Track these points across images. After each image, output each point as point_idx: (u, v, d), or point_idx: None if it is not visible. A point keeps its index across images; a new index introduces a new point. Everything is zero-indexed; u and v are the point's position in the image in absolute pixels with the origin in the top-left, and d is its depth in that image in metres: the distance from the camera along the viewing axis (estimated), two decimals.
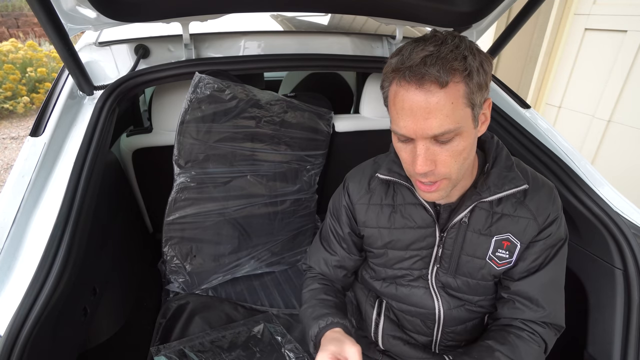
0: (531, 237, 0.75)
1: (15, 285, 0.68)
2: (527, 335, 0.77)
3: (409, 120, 0.62)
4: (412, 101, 0.60)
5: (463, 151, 0.64)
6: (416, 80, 0.59)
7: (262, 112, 1.29)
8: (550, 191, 0.77)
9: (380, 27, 1.51)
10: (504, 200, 0.75)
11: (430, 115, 0.60)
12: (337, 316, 0.78)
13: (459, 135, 0.63)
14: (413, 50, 0.60)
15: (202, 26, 1.17)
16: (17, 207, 0.76)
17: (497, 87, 1.40)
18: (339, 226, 0.90)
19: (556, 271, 0.78)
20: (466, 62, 0.59)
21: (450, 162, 0.64)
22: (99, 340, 1.03)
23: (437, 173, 0.65)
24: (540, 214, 0.75)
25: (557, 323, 0.78)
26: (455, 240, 0.78)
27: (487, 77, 0.63)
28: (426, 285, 0.84)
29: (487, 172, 0.75)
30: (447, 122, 0.60)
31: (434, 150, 0.63)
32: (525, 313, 0.77)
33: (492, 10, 1.19)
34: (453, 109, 0.60)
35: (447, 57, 0.58)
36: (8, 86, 4.43)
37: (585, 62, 2.77)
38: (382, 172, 0.80)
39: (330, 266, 0.92)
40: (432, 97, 0.59)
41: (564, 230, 0.78)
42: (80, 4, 0.89)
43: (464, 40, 0.61)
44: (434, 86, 0.59)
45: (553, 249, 0.77)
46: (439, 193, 0.69)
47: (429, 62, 0.58)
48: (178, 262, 1.41)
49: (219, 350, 1.18)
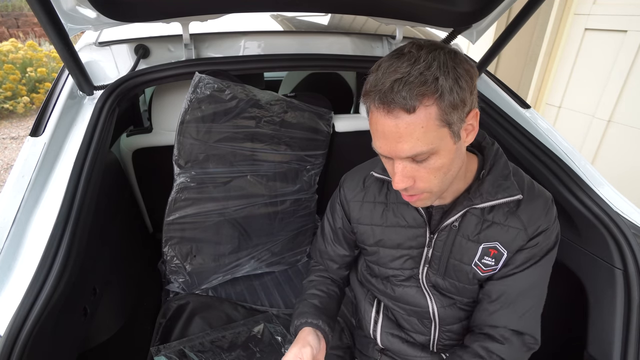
0: (519, 246, 0.75)
1: (15, 285, 0.68)
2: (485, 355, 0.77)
3: (383, 142, 0.63)
4: (384, 125, 0.61)
5: (442, 167, 0.64)
6: (384, 107, 0.59)
7: (262, 112, 1.29)
8: (545, 202, 0.75)
9: (380, 27, 1.51)
10: (496, 208, 0.75)
11: (401, 139, 0.60)
12: (312, 316, 0.85)
13: (434, 154, 0.62)
14: (386, 71, 0.59)
15: (202, 26, 1.17)
16: (17, 207, 0.76)
17: (497, 87, 1.40)
18: (332, 221, 0.94)
19: (535, 278, 0.76)
20: (437, 83, 0.57)
21: (429, 178, 0.65)
22: (99, 340, 1.03)
23: (417, 188, 0.66)
24: (531, 224, 0.74)
25: (528, 332, 0.76)
26: (445, 243, 0.79)
27: (465, 92, 0.60)
28: (418, 285, 0.85)
29: (482, 179, 0.74)
30: (418, 144, 0.60)
31: (411, 167, 0.64)
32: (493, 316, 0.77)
33: (492, 10, 1.19)
34: (424, 132, 0.59)
35: (414, 81, 0.57)
36: (8, 86, 4.43)
37: (585, 62, 2.77)
38: (377, 171, 0.82)
39: (324, 258, 0.98)
40: (400, 122, 0.59)
41: (553, 241, 0.76)
42: (80, 4, 0.89)
43: (439, 57, 0.59)
44: (402, 112, 0.58)
45: (536, 258, 0.76)
46: (422, 202, 0.71)
47: (395, 89, 0.57)
48: (178, 262, 1.41)
49: (219, 350, 1.18)
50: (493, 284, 0.78)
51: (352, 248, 0.96)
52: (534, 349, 0.78)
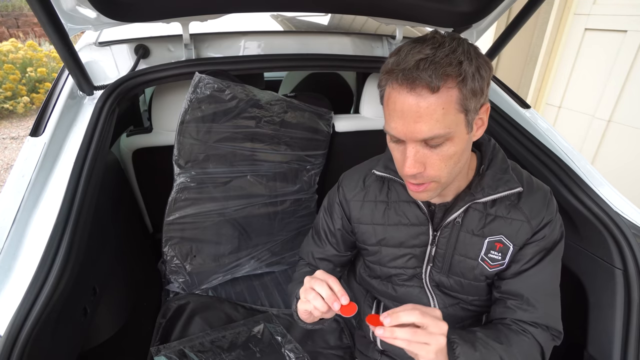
0: (524, 239, 0.75)
1: (15, 285, 0.68)
2: (518, 328, 0.75)
3: (400, 123, 0.62)
4: (403, 104, 0.60)
5: (454, 155, 0.64)
6: (408, 84, 0.59)
7: (262, 112, 1.29)
8: (544, 195, 0.76)
9: (380, 27, 1.51)
10: (497, 202, 0.76)
11: (420, 119, 0.60)
12: None
13: (449, 140, 0.62)
14: (409, 52, 0.60)
15: (202, 26, 1.17)
16: (17, 207, 0.76)
17: (497, 87, 1.40)
18: (330, 221, 0.92)
19: (549, 272, 0.77)
20: (461, 67, 0.58)
21: (439, 166, 0.65)
22: (99, 340, 1.03)
23: (426, 175, 0.66)
24: (534, 217, 0.74)
25: (552, 326, 0.76)
26: (449, 239, 0.78)
27: (484, 82, 0.62)
28: (420, 284, 0.85)
29: (482, 174, 0.75)
30: (437, 127, 0.60)
31: (423, 153, 0.64)
32: (517, 313, 0.76)
33: (492, 10, 1.19)
34: (444, 114, 0.59)
35: (441, 61, 0.57)
36: (8, 86, 4.43)
37: (585, 62, 2.77)
38: (378, 169, 0.82)
39: (316, 259, 0.95)
40: (422, 101, 0.59)
41: (558, 233, 0.77)
42: (80, 4, 0.89)
43: (463, 44, 0.60)
44: (425, 91, 0.58)
45: (546, 251, 0.76)
46: (428, 194, 0.70)
47: (422, 66, 0.58)
48: (178, 262, 1.41)
49: (219, 350, 1.18)
50: (508, 283, 0.77)
51: (349, 249, 0.95)
52: (558, 343, 0.78)
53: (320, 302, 0.67)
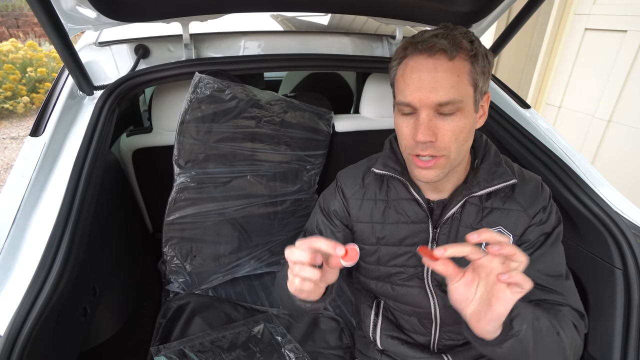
0: (523, 228, 0.77)
1: (15, 285, 0.68)
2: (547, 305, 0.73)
3: (416, 88, 0.66)
4: (421, 69, 0.65)
5: (463, 129, 0.67)
6: (427, 49, 0.65)
7: (262, 112, 1.29)
8: (536, 184, 0.79)
9: (380, 27, 1.51)
10: (493, 194, 0.77)
11: (437, 84, 0.64)
12: None
13: (460, 111, 0.66)
14: (425, 32, 0.67)
15: (202, 26, 1.17)
16: (17, 207, 0.76)
17: (497, 87, 1.40)
18: (328, 222, 0.90)
19: (553, 255, 0.76)
20: (473, 45, 0.66)
21: (450, 138, 0.67)
22: (99, 340, 1.03)
23: (437, 147, 0.67)
24: (529, 205, 0.76)
25: (575, 307, 0.74)
26: (449, 236, 0.79)
27: (490, 67, 0.69)
28: (421, 284, 0.84)
29: (476, 168, 0.77)
30: (452, 91, 0.64)
31: (435, 122, 0.67)
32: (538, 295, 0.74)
33: (492, 10, 1.19)
34: (458, 82, 0.65)
35: (456, 36, 0.65)
36: (8, 86, 4.43)
37: (585, 62, 2.77)
38: (377, 167, 0.82)
39: None
40: (440, 65, 0.64)
41: (555, 218, 0.78)
42: (80, 4, 0.89)
43: (472, 33, 0.69)
44: (443, 56, 0.64)
45: (545, 235, 0.77)
46: (435, 171, 0.70)
47: (440, 36, 0.65)
48: (178, 262, 1.41)
49: (219, 350, 1.18)
50: None
51: None
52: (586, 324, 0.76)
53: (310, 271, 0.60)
